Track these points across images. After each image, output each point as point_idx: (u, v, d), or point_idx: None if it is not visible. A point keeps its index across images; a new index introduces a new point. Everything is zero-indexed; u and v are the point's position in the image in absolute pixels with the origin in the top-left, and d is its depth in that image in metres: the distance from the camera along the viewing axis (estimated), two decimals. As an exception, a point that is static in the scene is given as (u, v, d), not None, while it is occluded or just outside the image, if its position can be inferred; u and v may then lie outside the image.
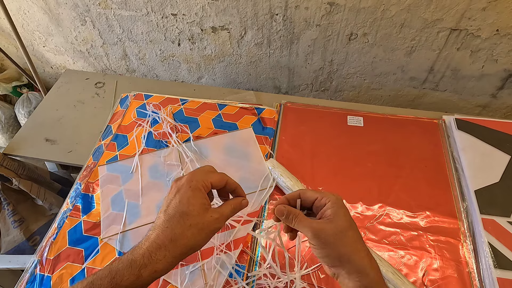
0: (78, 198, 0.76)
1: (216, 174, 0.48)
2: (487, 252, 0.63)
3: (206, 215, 0.43)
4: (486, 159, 0.76)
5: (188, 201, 0.43)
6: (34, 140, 0.92)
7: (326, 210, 0.43)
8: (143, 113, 0.91)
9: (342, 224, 0.42)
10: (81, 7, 1.16)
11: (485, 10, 0.88)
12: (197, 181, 0.45)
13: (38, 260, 0.67)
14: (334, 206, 0.43)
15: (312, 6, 0.98)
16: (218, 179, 0.47)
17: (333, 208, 0.43)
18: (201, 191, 0.44)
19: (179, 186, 0.45)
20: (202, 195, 0.44)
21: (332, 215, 0.42)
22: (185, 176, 0.46)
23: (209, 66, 1.27)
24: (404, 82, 1.14)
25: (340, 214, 0.43)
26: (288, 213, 0.45)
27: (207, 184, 0.45)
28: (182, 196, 0.44)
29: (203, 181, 0.45)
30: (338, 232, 0.41)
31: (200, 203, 0.44)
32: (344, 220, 0.42)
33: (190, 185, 0.44)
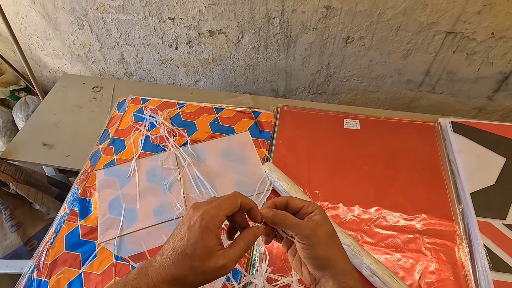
0: (75, 202, 0.76)
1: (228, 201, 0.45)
2: (483, 254, 0.64)
3: (211, 261, 0.41)
4: (482, 162, 0.77)
5: (195, 243, 0.41)
6: (32, 144, 0.93)
7: (314, 215, 0.45)
8: (141, 117, 0.92)
9: (330, 228, 0.44)
10: (79, 11, 1.17)
11: (480, 13, 0.89)
12: (208, 220, 0.42)
13: (35, 265, 0.67)
14: (321, 213, 0.45)
15: (309, 10, 0.99)
16: (231, 206, 0.44)
17: (321, 215, 0.44)
18: (211, 232, 0.42)
19: (191, 222, 0.43)
20: (212, 236, 0.42)
21: (321, 220, 0.44)
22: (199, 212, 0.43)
23: (207, 70, 1.28)
24: (400, 85, 1.15)
25: (327, 220, 0.45)
26: (275, 213, 0.45)
27: (220, 219, 0.43)
28: (190, 237, 0.42)
29: (216, 217, 0.42)
30: (328, 233, 0.44)
31: (207, 247, 0.41)
32: (331, 226, 0.45)
33: (200, 224, 0.42)
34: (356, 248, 0.63)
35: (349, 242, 0.63)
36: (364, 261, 0.61)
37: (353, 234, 0.69)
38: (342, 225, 0.70)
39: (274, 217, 0.45)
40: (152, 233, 0.71)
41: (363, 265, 0.61)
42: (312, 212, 0.45)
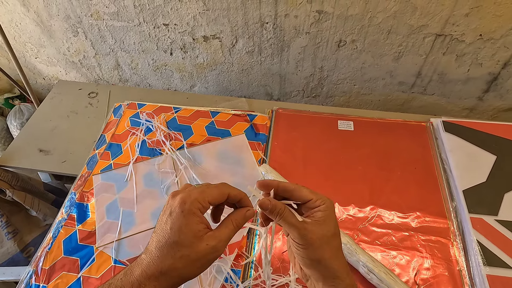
0: (73, 207, 0.76)
1: (214, 189, 0.42)
2: (476, 250, 0.65)
3: (200, 245, 0.38)
4: (473, 160, 0.79)
5: (179, 230, 0.38)
6: (28, 150, 0.93)
7: (317, 211, 0.42)
8: (137, 122, 0.92)
9: (330, 229, 0.41)
10: (73, 18, 1.17)
11: (468, 16, 0.91)
12: (191, 203, 0.39)
13: (34, 270, 0.67)
14: (326, 210, 0.42)
15: (301, 15, 1.00)
16: (217, 194, 0.41)
17: (325, 212, 0.41)
18: (195, 215, 0.39)
19: (172, 208, 0.40)
20: (197, 220, 0.39)
21: (323, 219, 0.41)
22: (179, 196, 0.40)
23: (202, 75, 1.29)
24: (393, 87, 1.17)
25: (330, 220, 0.42)
26: (273, 207, 0.41)
27: (203, 204, 0.40)
28: (173, 223, 0.38)
29: (199, 201, 0.39)
30: (324, 236, 0.41)
31: (193, 230, 0.38)
32: (332, 226, 0.42)
33: (182, 209, 0.39)
34: (352, 246, 0.64)
35: (346, 241, 0.64)
36: (361, 259, 0.62)
37: (349, 233, 0.70)
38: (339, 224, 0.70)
39: (271, 210, 0.42)
40: (150, 236, 0.71)
41: (359, 263, 0.62)
42: (318, 207, 0.42)
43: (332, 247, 0.41)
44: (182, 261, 0.38)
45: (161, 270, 0.37)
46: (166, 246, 0.38)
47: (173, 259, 0.38)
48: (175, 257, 0.38)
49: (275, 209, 0.41)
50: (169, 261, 0.38)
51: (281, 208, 0.42)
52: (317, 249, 0.40)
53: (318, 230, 0.40)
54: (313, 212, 0.42)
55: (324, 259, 0.41)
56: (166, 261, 0.38)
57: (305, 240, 0.40)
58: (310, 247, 0.40)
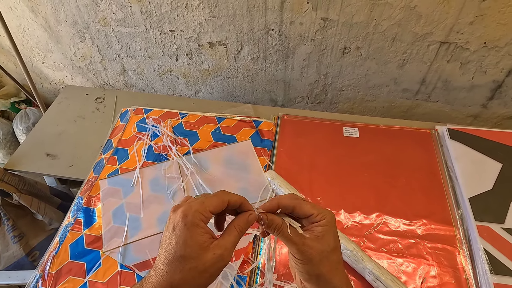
0: (79, 212, 0.76)
1: (214, 198, 0.42)
2: (483, 258, 0.65)
3: (207, 255, 0.38)
4: (479, 168, 0.79)
5: (184, 243, 0.38)
6: (35, 155, 0.93)
7: (317, 226, 0.42)
8: (143, 127, 0.93)
9: (330, 244, 0.41)
10: (81, 24, 1.19)
11: (472, 24, 0.92)
12: (192, 215, 0.39)
13: (40, 274, 0.67)
14: (327, 225, 0.42)
15: (307, 22, 1.01)
16: (217, 202, 0.41)
17: (325, 227, 0.41)
18: (198, 227, 0.39)
19: (175, 223, 0.39)
20: (200, 232, 0.39)
21: (322, 234, 0.41)
22: (180, 210, 0.40)
23: (206, 80, 1.30)
24: (397, 94, 1.17)
25: (330, 234, 0.42)
26: (270, 222, 0.42)
27: (205, 215, 0.40)
28: (178, 237, 0.38)
29: (200, 213, 0.39)
30: (324, 251, 0.40)
31: (199, 242, 0.38)
32: (332, 241, 0.42)
33: (185, 222, 0.39)
34: (358, 253, 0.64)
35: (352, 248, 0.64)
36: (367, 266, 0.62)
37: (355, 239, 0.70)
38: (344, 231, 0.71)
39: (268, 225, 0.42)
40: (157, 241, 0.72)
41: (366, 270, 0.62)
42: (319, 222, 0.42)
43: (332, 262, 0.41)
44: (191, 273, 0.38)
45: (172, 284, 0.38)
46: (174, 261, 0.38)
47: (182, 273, 0.38)
48: (183, 271, 0.38)
49: (272, 224, 0.42)
50: (178, 276, 0.38)
51: (278, 224, 0.42)
52: (316, 265, 0.40)
53: (317, 245, 0.40)
54: (313, 226, 0.42)
55: (323, 274, 0.41)
56: (175, 275, 0.38)
57: (304, 255, 0.40)
58: (309, 263, 0.40)
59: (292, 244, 0.41)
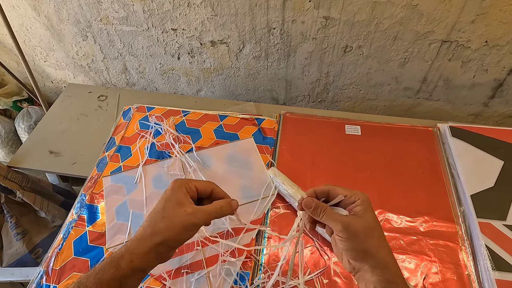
0: (83, 208, 0.77)
1: (202, 181, 0.51)
2: (485, 254, 0.65)
3: (180, 209, 0.45)
4: (481, 165, 0.79)
5: (166, 198, 0.47)
6: (38, 152, 0.94)
7: (355, 206, 0.45)
8: (146, 124, 0.93)
9: (371, 221, 0.44)
10: (83, 23, 1.19)
11: (474, 22, 0.92)
12: (180, 182, 0.48)
13: (44, 270, 0.68)
14: (363, 203, 0.45)
15: (308, 20, 1.02)
16: (204, 184, 0.50)
17: (363, 206, 0.44)
18: (181, 190, 0.47)
19: (165, 189, 0.49)
20: (181, 193, 0.47)
21: (362, 212, 0.44)
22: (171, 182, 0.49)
23: (208, 79, 1.30)
24: (398, 92, 1.17)
25: (369, 211, 0.45)
26: (316, 206, 0.46)
27: (190, 186, 0.48)
28: (162, 196, 0.47)
29: (186, 183, 0.48)
30: (366, 227, 0.43)
31: (177, 199, 0.46)
32: (372, 217, 0.45)
33: (172, 186, 0.48)
34: None
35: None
36: None
37: (357, 236, 0.70)
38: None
39: (314, 209, 0.46)
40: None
41: None
42: (355, 202, 0.45)
43: (376, 237, 0.44)
44: (163, 222, 0.45)
45: (146, 231, 0.45)
46: (154, 213, 0.46)
47: (156, 220, 0.45)
48: (158, 219, 0.45)
49: (318, 207, 0.46)
50: (153, 222, 0.45)
51: (323, 206, 0.46)
52: (362, 240, 0.43)
53: (360, 222, 0.43)
54: (352, 207, 0.45)
55: (370, 250, 0.43)
56: (151, 223, 0.45)
57: (349, 232, 0.43)
58: (356, 239, 0.43)
59: (337, 223, 0.44)
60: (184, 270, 0.66)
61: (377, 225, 0.45)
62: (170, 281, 0.65)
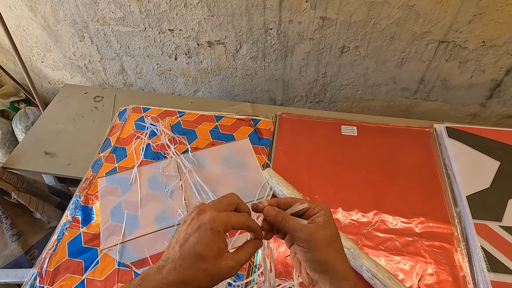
0: (77, 210, 0.77)
1: (240, 217, 0.44)
2: (480, 256, 0.65)
3: (221, 262, 0.41)
4: (477, 166, 0.79)
5: (206, 244, 0.40)
6: (34, 153, 0.93)
7: (318, 217, 0.44)
8: (142, 125, 0.93)
9: (332, 232, 0.44)
10: (80, 23, 1.19)
11: (471, 23, 0.92)
12: (219, 223, 0.41)
13: (38, 272, 0.67)
14: (326, 214, 0.44)
15: (305, 21, 1.01)
16: (241, 223, 0.44)
17: (325, 217, 0.44)
18: (220, 235, 0.41)
19: (201, 223, 0.42)
20: (221, 239, 0.42)
21: (323, 222, 0.44)
22: (208, 213, 0.42)
23: (206, 80, 1.30)
24: (396, 93, 1.17)
25: (331, 223, 0.44)
26: (277, 213, 0.45)
27: (228, 227, 0.43)
28: (201, 237, 0.40)
29: (226, 224, 0.42)
30: (328, 239, 0.43)
31: (218, 247, 0.41)
32: (334, 228, 0.44)
33: (211, 226, 0.41)
34: (356, 251, 0.64)
35: (349, 245, 0.64)
36: (364, 264, 0.62)
37: (352, 237, 0.70)
38: (342, 229, 0.71)
39: (275, 217, 0.44)
40: (154, 239, 0.72)
41: (363, 268, 0.62)
42: (318, 212, 0.45)
43: (336, 249, 0.44)
44: (203, 273, 0.40)
45: (182, 279, 0.39)
46: (191, 256, 0.40)
47: (195, 270, 0.40)
48: (197, 269, 0.40)
49: (279, 215, 0.44)
50: (191, 272, 0.39)
51: (284, 214, 0.45)
52: (323, 251, 0.42)
53: (321, 232, 0.43)
54: (314, 217, 0.45)
55: (330, 261, 0.42)
56: (188, 271, 0.40)
57: (310, 243, 0.42)
58: (316, 249, 0.42)
59: (299, 232, 0.43)
60: (178, 272, 0.66)
61: (338, 236, 0.45)
62: (164, 283, 0.64)
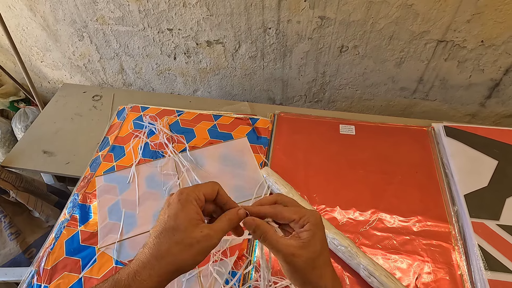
0: (75, 208, 0.77)
1: (207, 184, 0.44)
2: (477, 254, 0.65)
3: (195, 230, 0.39)
4: (475, 165, 0.79)
5: (175, 215, 0.40)
6: (32, 152, 0.94)
7: (302, 231, 0.41)
8: (140, 124, 0.93)
9: (316, 249, 0.41)
10: (79, 23, 1.19)
11: (469, 22, 0.92)
12: (187, 193, 0.41)
13: (36, 270, 0.67)
14: (311, 228, 0.41)
15: (304, 20, 1.01)
16: (210, 188, 0.44)
17: (310, 231, 0.41)
18: (192, 204, 0.41)
19: (170, 201, 0.42)
20: (193, 209, 0.41)
21: (308, 239, 0.40)
22: (177, 190, 0.43)
23: (205, 79, 1.30)
24: (395, 92, 1.17)
25: (316, 238, 0.41)
26: (256, 228, 0.42)
27: (199, 196, 0.42)
28: (170, 211, 0.40)
29: (195, 193, 0.42)
30: (310, 258, 0.40)
31: (189, 217, 0.40)
32: (319, 245, 0.41)
33: (179, 198, 0.41)
34: (353, 249, 0.64)
35: (347, 244, 0.64)
36: (362, 262, 0.62)
37: (350, 236, 0.70)
38: (339, 228, 0.71)
39: (254, 232, 0.42)
40: (152, 237, 0.72)
41: (360, 266, 0.62)
42: (303, 226, 0.41)
43: (319, 267, 0.41)
44: (178, 246, 0.39)
45: (157, 256, 0.38)
46: (163, 232, 0.39)
47: (168, 244, 0.39)
48: (170, 242, 0.39)
49: (258, 229, 0.42)
50: (165, 246, 0.39)
51: (265, 229, 0.42)
52: (302, 272, 0.40)
53: (304, 253, 0.40)
54: (299, 231, 0.42)
55: (309, 281, 0.41)
56: (162, 246, 0.39)
57: (290, 265, 0.40)
58: (297, 271, 0.40)
59: (279, 254, 0.41)
60: (175, 270, 0.66)
61: (322, 252, 0.41)
62: (161, 281, 0.64)
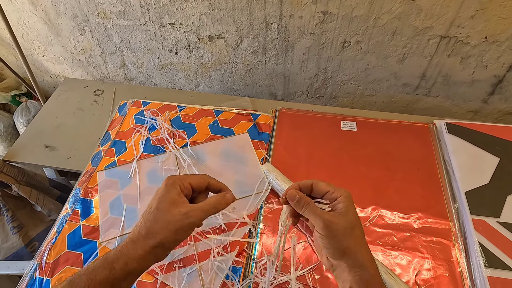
0: (77, 203, 0.77)
1: (196, 175, 0.49)
2: (477, 251, 0.65)
3: (174, 210, 0.44)
4: (476, 162, 0.78)
5: (159, 198, 0.45)
6: (34, 146, 0.94)
7: (338, 203, 0.44)
8: (141, 119, 0.93)
9: (352, 220, 0.43)
10: (80, 17, 1.19)
11: (473, 18, 0.91)
12: (174, 180, 0.47)
13: (38, 264, 0.68)
14: (346, 201, 0.44)
15: (306, 15, 1.01)
16: (198, 179, 0.48)
17: (345, 203, 0.44)
18: (175, 188, 0.46)
19: (159, 188, 0.47)
20: (175, 192, 0.46)
21: (344, 210, 0.43)
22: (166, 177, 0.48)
23: (206, 74, 1.30)
24: (397, 88, 1.17)
25: (351, 210, 0.44)
26: (300, 199, 0.45)
27: (184, 183, 0.47)
28: (157, 194, 0.46)
29: (180, 180, 0.47)
30: (348, 226, 0.43)
31: (171, 198, 0.45)
32: (354, 215, 0.44)
33: (166, 183, 0.46)
34: None
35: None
36: None
37: (350, 232, 0.70)
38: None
39: (298, 201, 0.45)
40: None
41: None
42: (337, 198, 0.44)
43: (356, 237, 0.43)
44: (158, 224, 0.44)
45: (141, 232, 0.44)
46: (148, 212, 0.45)
47: (150, 222, 0.44)
48: (153, 220, 0.44)
49: (302, 200, 0.45)
50: (148, 224, 0.44)
51: (307, 200, 0.45)
52: (342, 239, 0.42)
53: (341, 221, 0.43)
54: (335, 204, 0.45)
55: (349, 249, 0.42)
56: (146, 224, 0.44)
57: (329, 230, 0.42)
58: (335, 237, 0.42)
59: (319, 220, 0.43)
60: (176, 265, 0.66)
61: (358, 223, 0.44)
62: (162, 276, 0.65)
